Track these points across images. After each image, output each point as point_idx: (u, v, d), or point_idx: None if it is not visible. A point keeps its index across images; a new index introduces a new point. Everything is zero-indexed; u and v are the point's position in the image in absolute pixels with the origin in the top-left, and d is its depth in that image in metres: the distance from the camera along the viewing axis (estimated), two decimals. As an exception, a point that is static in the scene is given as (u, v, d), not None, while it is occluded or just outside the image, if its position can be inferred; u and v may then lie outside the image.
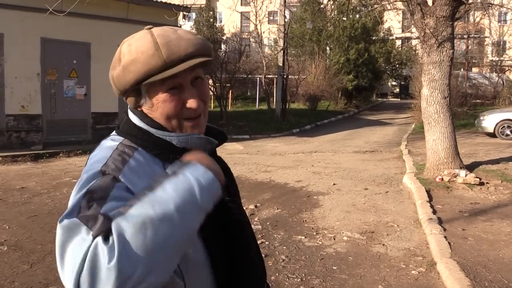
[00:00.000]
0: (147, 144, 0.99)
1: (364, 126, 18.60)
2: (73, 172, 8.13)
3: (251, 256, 1.08)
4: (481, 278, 3.67)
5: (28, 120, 10.42)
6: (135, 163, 0.93)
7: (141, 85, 0.97)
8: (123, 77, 0.97)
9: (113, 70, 1.00)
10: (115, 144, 0.98)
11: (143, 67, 0.94)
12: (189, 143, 1.01)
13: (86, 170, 0.93)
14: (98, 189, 0.84)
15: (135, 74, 0.95)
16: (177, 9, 10.34)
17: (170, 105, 0.98)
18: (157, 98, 0.98)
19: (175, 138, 1.00)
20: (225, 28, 31.98)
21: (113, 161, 0.92)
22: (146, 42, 0.96)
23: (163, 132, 1.00)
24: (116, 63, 0.99)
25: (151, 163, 0.97)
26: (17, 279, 3.65)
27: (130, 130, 1.02)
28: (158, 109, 0.99)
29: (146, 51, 0.95)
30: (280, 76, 19.10)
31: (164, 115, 0.99)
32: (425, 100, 7.70)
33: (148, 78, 0.95)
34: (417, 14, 7.57)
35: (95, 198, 0.82)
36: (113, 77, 1.00)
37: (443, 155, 7.53)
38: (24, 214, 5.44)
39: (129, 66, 0.96)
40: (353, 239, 4.78)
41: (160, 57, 0.94)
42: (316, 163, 9.56)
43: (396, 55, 32.97)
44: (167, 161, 0.98)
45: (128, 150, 0.96)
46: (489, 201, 6.21)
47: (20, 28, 10.03)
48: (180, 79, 0.98)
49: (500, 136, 13.30)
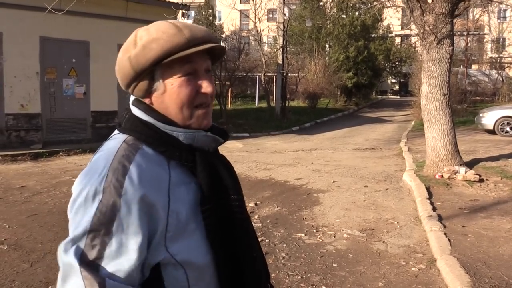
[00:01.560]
0: (152, 140, 0.97)
1: (363, 123, 18.60)
2: (72, 171, 8.13)
3: (255, 256, 1.07)
4: (481, 275, 3.67)
5: (27, 119, 10.41)
6: (136, 170, 0.91)
7: (157, 67, 0.96)
8: (142, 56, 0.96)
9: (127, 53, 0.98)
10: (117, 147, 0.95)
11: (166, 44, 0.94)
12: (195, 140, 1.00)
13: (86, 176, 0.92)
14: (99, 225, 0.87)
15: (157, 52, 0.95)
16: (176, 7, 10.34)
17: (186, 89, 0.98)
18: (173, 82, 0.97)
19: (182, 134, 0.99)
20: (224, 26, 31.96)
21: (113, 173, 0.89)
22: (165, 24, 0.99)
23: (170, 126, 0.99)
24: (131, 46, 0.98)
25: (154, 165, 0.94)
26: (17, 278, 3.65)
27: (134, 126, 0.99)
28: (171, 95, 0.98)
29: (167, 31, 0.96)
30: (279, 74, 19.09)
31: (179, 101, 0.98)
32: (425, 97, 7.70)
33: (169, 56, 0.95)
34: (417, 11, 7.56)
35: (99, 235, 0.87)
36: (130, 58, 0.97)
37: (443, 152, 7.53)
38: (24, 213, 5.44)
39: (150, 44, 0.95)
40: (353, 237, 4.79)
41: (183, 36, 0.95)
42: (316, 161, 9.57)
43: (395, 52, 32.93)
44: (173, 159, 0.97)
45: (129, 153, 0.93)
46: (489, 198, 6.21)
47: (19, 27, 10.01)
48: (197, 65, 0.99)
49: (499, 133, 13.30)
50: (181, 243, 0.93)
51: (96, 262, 0.86)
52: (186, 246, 0.94)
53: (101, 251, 0.86)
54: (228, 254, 0.99)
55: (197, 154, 0.99)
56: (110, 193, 0.88)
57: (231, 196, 1.03)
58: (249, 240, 1.07)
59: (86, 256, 0.86)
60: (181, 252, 0.93)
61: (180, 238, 0.93)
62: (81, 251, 0.86)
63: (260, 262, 1.10)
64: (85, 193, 0.89)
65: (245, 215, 1.08)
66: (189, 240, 0.94)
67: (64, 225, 4.97)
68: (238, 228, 1.03)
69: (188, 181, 0.98)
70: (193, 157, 0.98)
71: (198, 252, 0.95)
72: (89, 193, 0.88)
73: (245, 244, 1.04)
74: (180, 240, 0.93)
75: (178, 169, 0.97)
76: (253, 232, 1.11)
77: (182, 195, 0.95)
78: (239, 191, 1.07)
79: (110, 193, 0.88)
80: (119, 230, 0.87)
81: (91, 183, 0.89)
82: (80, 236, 0.87)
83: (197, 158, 0.98)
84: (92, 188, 0.89)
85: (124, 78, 1.01)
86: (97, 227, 0.86)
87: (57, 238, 4.56)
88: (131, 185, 0.89)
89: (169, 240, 0.92)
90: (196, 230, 0.96)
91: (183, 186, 0.97)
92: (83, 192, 0.90)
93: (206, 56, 1.02)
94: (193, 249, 0.95)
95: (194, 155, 0.98)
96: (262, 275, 1.11)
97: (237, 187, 1.07)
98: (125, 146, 0.95)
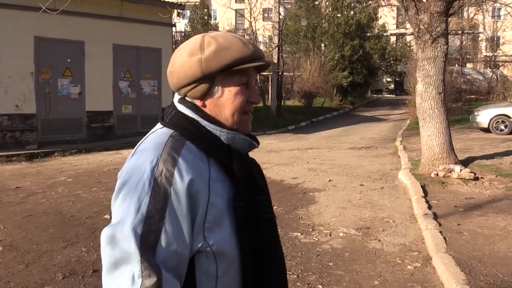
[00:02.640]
0: (195, 137, 1.04)
1: (359, 122, 18.64)
2: (68, 171, 8.10)
3: (278, 254, 1.14)
4: (476, 273, 3.69)
5: (22, 119, 10.36)
6: (184, 162, 0.98)
7: (220, 73, 1.05)
8: (214, 61, 1.04)
9: (194, 55, 1.05)
10: (165, 139, 1.02)
11: (237, 54, 1.04)
12: (235, 142, 1.08)
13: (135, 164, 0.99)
14: (154, 212, 0.93)
15: (228, 58, 1.04)
16: (171, 7, 10.33)
17: (241, 98, 1.08)
18: (230, 90, 1.07)
19: (225, 134, 1.07)
20: (220, 26, 31.94)
21: (164, 163, 0.97)
22: (232, 36, 1.09)
23: (214, 126, 1.07)
24: (197, 50, 1.05)
25: (197, 159, 1.02)
26: (13, 279, 3.63)
27: (180, 122, 1.07)
28: (227, 100, 1.07)
29: (236, 43, 1.06)
30: (275, 73, 19.09)
31: (233, 107, 1.08)
32: (420, 96, 7.73)
33: (238, 65, 1.04)
34: (412, 10, 7.58)
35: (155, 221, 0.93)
36: (201, 60, 1.04)
37: (438, 150, 7.56)
38: (19, 214, 5.41)
39: (222, 51, 1.04)
40: (349, 235, 4.80)
41: (250, 49, 1.06)
42: (311, 160, 9.58)
43: (390, 51, 32.98)
44: (212, 156, 1.04)
45: (177, 146, 1.01)
46: (484, 196, 6.24)
47: (14, 27, 9.96)
48: (251, 77, 1.10)
49: (494, 131, 13.36)
50: (217, 234, 1.00)
51: (153, 247, 0.92)
52: (220, 238, 1.00)
53: (157, 237, 0.93)
54: (254, 251, 1.05)
55: (234, 154, 1.07)
56: (161, 182, 0.95)
57: (261, 197, 1.11)
58: (273, 239, 1.14)
59: (144, 241, 0.91)
60: (216, 242, 1.00)
61: (216, 229, 1.00)
62: (140, 237, 0.91)
63: (281, 261, 1.17)
64: (136, 180, 0.96)
65: (272, 215, 1.16)
66: (223, 233, 1.01)
67: (60, 226, 4.97)
68: (264, 227, 1.10)
69: (223, 179, 1.05)
70: (230, 157, 1.06)
71: (229, 245, 1.02)
72: (141, 181, 0.95)
73: (270, 242, 1.11)
74: (216, 231, 1.00)
75: (216, 166, 1.05)
76: (277, 232, 1.18)
77: (219, 190, 1.03)
78: (268, 193, 1.16)
79: (162, 182, 0.95)
80: (171, 217, 0.94)
81: (142, 172, 0.96)
82: (138, 222, 0.92)
83: (234, 158, 1.07)
84: (144, 177, 0.96)
85: (186, 78, 1.07)
86: (153, 214, 0.93)
87: (52, 238, 4.54)
88: (180, 176, 0.96)
89: (207, 230, 0.99)
90: (229, 225, 1.02)
91: (220, 182, 1.04)
92: (132, 179, 0.97)
93: (255, 70, 1.12)
94: (226, 241, 1.01)
95: (231, 155, 1.07)
96: (283, 274, 1.17)
97: (266, 189, 1.16)
98: (172, 139, 1.02)
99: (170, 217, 0.94)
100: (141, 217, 0.93)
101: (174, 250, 0.94)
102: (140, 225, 0.92)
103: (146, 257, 0.90)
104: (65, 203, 5.91)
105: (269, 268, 1.08)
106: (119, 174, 1.01)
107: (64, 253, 4.17)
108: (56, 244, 4.40)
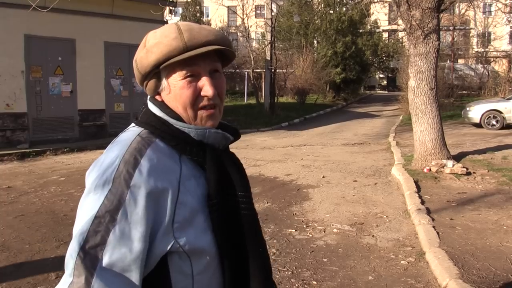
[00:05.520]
0: (164, 134, 1.01)
1: (352, 118, 18.69)
2: (60, 170, 8.05)
3: (260, 251, 1.09)
4: (469, 267, 3.72)
5: (13, 118, 10.26)
6: (147, 163, 0.95)
7: (162, 68, 1.01)
8: (145, 59, 1.02)
9: (137, 55, 1.05)
10: (131, 139, 0.99)
11: (165, 48, 0.99)
12: (206, 137, 1.04)
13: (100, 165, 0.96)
14: (105, 212, 0.90)
15: (156, 55, 1.00)
16: (163, 4, 10.24)
17: (187, 92, 1.02)
18: (175, 84, 1.02)
19: (193, 130, 1.03)
20: (212, 23, 31.81)
21: (125, 164, 0.94)
22: (170, 28, 1.03)
23: (182, 123, 1.03)
24: (141, 48, 1.04)
25: (165, 158, 0.98)
26: (5, 280, 3.60)
27: (149, 120, 1.04)
28: (176, 96, 1.03)
29: (169, 35, 1.01)
30: (268, 70, 19.08)
31: (182, 103, 1.03)
32: (412, 91, 7.76)
33: (169, 60, 0.99)
34: (403, 6, 7.61)
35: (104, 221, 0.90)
36: (136, 61, 1.04)
37: (431, 146, 7.60)
38: (11, 214, 5.37)
39: (152, 48, 1.01)
40: (343, 231, 4.81)
41: (182, 40, 0.99)
42: (305, 156, 9.59)
43: (383, 47, 33.12)
44: (183, 154, 1.01)
45: (142, 146, 0.97)
46: (476, 191, 6.29)
47: (3, 24, 9.84)
48: (199, 68, 1.02)
49: (486, 127, 13.47)
50: (190, 233, 0.96)
51: (98, 248, 0.89)
52: (193, 237, 0.97)
53: (104, 237, 0.89)
54: (233, 248, 1.02)
55: (208, 150, 1.03)
56: (119, 183, 0.92)
57: (238, 193, 1.06)
58: (254, 236, 1.09)
59: (88, 241, 0.89)
60: (189, 242, 0.96)
61: (188, 228, 0.96)
62: (85, 236, 0.89)
63: (265, 258, 1.12)
64: (96, 181, 0.93)
65: (252, 212, 1.10)
66: (197, 232, 0.97)
67: (52, 225, 4.94)
68: (244, 224, 1.06)
69: (198, 176, 1.02)
70: (204, 153, 1.03)
71: (204, 244, 0.98)
72: (100, 181, 0.93)
73: (251, 240, 1.07)
74: (189, 230, 0.96)
75: (189, 163, 1.02)
76: (259, 229, 1.13)
77: (192, 188, 0.99)
78: (247, 187, 1.10)
79: (120, 183, 0.92)
80: (123, 218, 0.90)
81: (102, 172, 0.94)
82: (87, 221, 0.90)
83: (207, 154, 1.03)
84: (103, 177, 0.93)
85: (136, 77, 1.09)
86: (103, 214, 0.90)
87: (45, 238, 4.51)
88: (140, 178, 0.92)
89: (177, 230, 0.95)
90: (204, 223, 0.99)
91: (193, 180, 1.00)
92: (94, 177, 0.94)
93: (214, 58, 1.05)
94: (200, 241, 0.97)
95: (204, 151, 1.03)
96: (267, 271, 1.12)
97: (244, 183, 1.10)
98: (139, 139, 0.99)
99: (122, 219, 0.90)
100: (91, 216, 0.90)
101: (123, 252, 0.89)
102: (87, 224, 0.90)
103: (82, 256, 0.87)
104: (57, 202, 5.87)
105: (252, 266, 1.05)
106: (86, 175, 0.99)
107: (57, 253, 4.14)
108: (49, 244, 4.37)
